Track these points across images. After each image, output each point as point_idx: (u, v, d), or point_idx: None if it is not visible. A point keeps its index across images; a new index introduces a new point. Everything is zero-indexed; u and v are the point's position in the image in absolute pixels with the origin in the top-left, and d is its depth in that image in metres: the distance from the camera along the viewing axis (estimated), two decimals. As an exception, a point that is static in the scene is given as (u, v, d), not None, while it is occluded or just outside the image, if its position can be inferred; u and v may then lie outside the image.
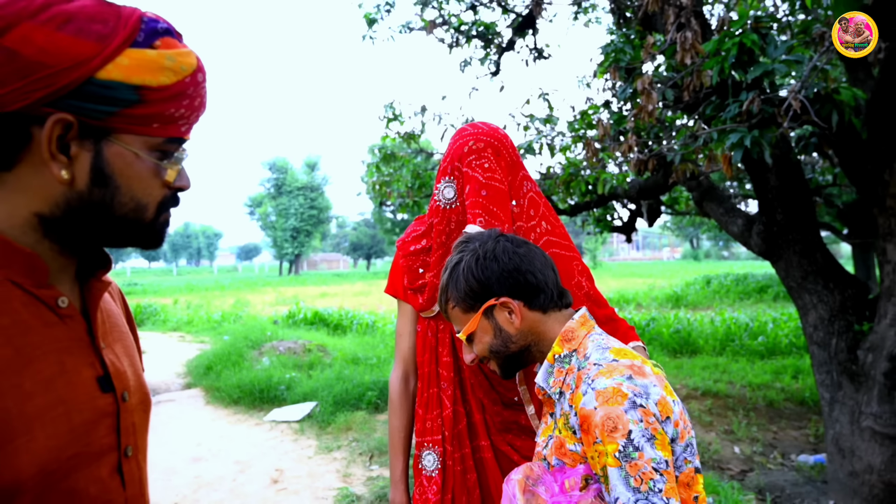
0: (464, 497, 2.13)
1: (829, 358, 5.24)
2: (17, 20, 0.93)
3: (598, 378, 1.41)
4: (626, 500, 1.29)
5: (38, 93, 0.95)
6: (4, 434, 0.93)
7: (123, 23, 1.01)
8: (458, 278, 1.67)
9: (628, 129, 5.47)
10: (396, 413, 2.29)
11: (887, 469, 4.74)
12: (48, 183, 1.01)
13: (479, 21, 9.00)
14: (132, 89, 1.01)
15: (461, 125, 8.01)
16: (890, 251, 4.81)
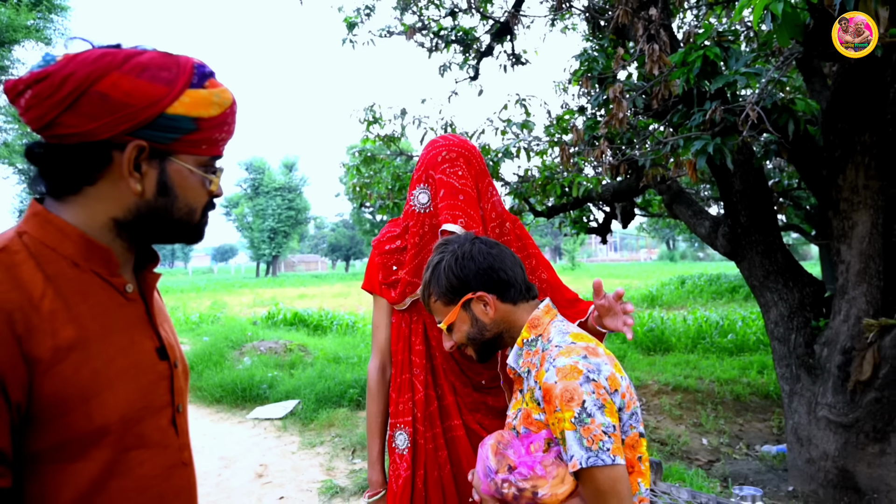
0: (435, 472, 2.36)
1: (788, 352, 5.56)
2: (107, 70, 1.22)
3: (558, 357, 1.68)
4: (580, 457, 1.57)
5: (122, 126, 1.24)
6: (96, 388, 1.22)
7: (183, 69, 1.30)
8: (439, 275, 1.93)
9: (601, 134, 5.75)
10: (374, 399, 2.52)
11: (840, 455, 5.06)
12: (123, 194, 1.30)
13: (458, 26, 9.19)
14: (191, 120, 1.30)
15: (439, 129, 8.29)
16: (843, 251, 5.12)
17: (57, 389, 1.17)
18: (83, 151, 1.25)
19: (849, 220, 5.07)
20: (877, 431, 4.95)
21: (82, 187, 1.29)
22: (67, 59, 1.23)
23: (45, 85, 1.20)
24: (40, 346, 1.16)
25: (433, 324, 2.40)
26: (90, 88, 1.20)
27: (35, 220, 1.28)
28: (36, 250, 1.24)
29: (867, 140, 4.92)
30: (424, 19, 9.17)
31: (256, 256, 64.31)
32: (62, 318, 1.20)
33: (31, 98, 1.21)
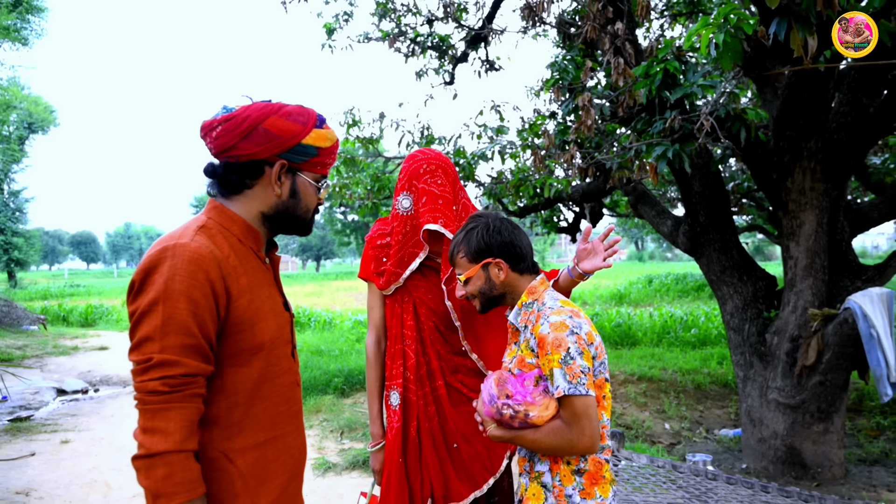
0: (426, 423, 2.93)
1: (742, 341, 6.04)
2: (269, 115, 1.88)
3: (551, 315, 2.21)
4: (564, 387, 2.10)
5: (275, 150, 1.90)
6: (257, 318, 1.87)
7: (311, 116, 1.96)
8: (471, 239, 2.42)
9: (571, 139, 6.18)
10: (372, 367, 3.09)
11: (788, 434, 5.55)
12: (268, 196, 1.95)
13: (435, 34, 9.53)
14: (315, 149, 1.97)
15: (416, 132, 8.68)
16: (792, 248, 5.61)
17: (238, 315, 1.81)
18: (247, 166, 1.91)
19: (797, 220, 5.55)
20: (821, 412, 5.43)
21: (243, 190, 1.94)
22: (244, 108, 1.88)
23: (232, 123, 1.86)
24: (233, 285, 1.81)
25: (421, 303, 2.97)
26: (259, 125, 1.86)
27: (214, 210, 1.93)
28: (218, 229, 1.88)
29: (813, 146, 5.39)
30: (402, 26, 9.48)
31: (227, 256, 63.74)
32: (240, 271, 1.85)
33: (222, 131, 1.86)
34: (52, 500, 5.85)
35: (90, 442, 7.79)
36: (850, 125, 5.33)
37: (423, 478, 2.93)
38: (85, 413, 9.44)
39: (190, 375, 1.67)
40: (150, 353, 1.64)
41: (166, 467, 1.61)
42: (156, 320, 1.65)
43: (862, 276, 5.69)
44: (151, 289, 1.68)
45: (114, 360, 13.89)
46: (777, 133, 5.56)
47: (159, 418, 1.62)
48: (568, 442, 2.15)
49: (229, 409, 1.81)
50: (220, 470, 1.78)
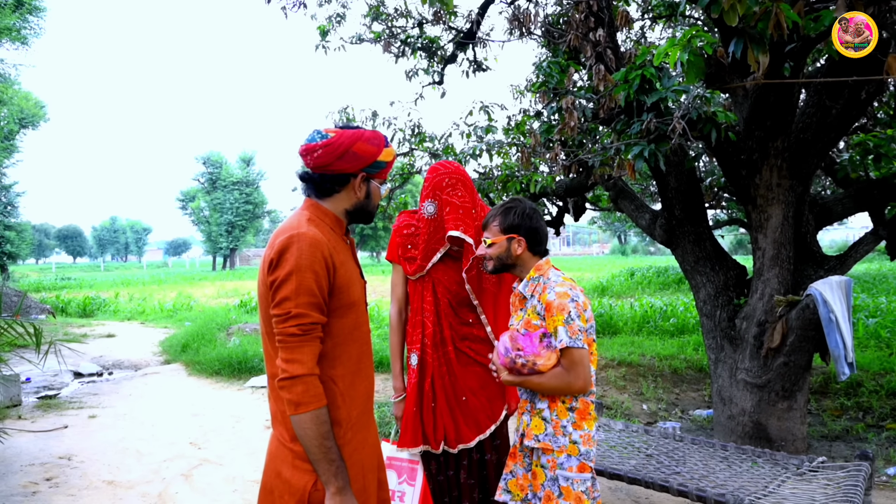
0: (440, 380, 3.65)
1: (714, 326, 6.49)
2: (356, 141, 2.44)
3: (556, 286, 2.86)
4: (566, 341, 2.76)
5: (359, 166, 2.47)
6: (350, 282, 2.43)
7: (381, 139, 2.52)
8: (508, 214, 3.04)
9: (556, 138, 6.57)
10: (395, 332, 3.85)
11: (755, 411, 6.01)
12: (351, 197, 2.52)
13: (424, 35, 9.86)
14: (385, 163, 2.54)
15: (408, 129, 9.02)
16: (760, 240, 6.06)
17: (339, 281, 2.36)
18: (338, 177, 2.47)
19: (764, 213, 6.01)
20: (785, 391, 5.90)
21: (333, 194, 2.50)
22: (338, 134, 2.41)
23: (331, 148, 2.40)
24: (336, 259, 2.35)
25: (439, 283, 3.69)
26: (350, 149, 2.42)
27: (312, 207, 2.49)
28: (318, 221, 2.43)
29: (780, 145, 5.85)
30: (393, 28, 9.79)
31: (213, 250, 64.17)
32: (337, 249, 2.41)
33: (323, 153, 2.39)
34: (92, 463, 6.48)
35: (115, 417, 8.37)
36: (815, 126, 5.76)
37: (437, 423, 3.61)
38: (105, 392, 9.98)
39: (314, 323, 2.25)
40: (288, 308, 2.22)
41: (303, 385, 2.20)
42: (291, 286, 2.22)
43: (824, 265, 6.16)
44: (287, 264, 2.24)
45: (122, 346, 14.40)
46: (746, 133, 6.00)
47: (297, 352, 2.22)
48: (567, 384, 2.82)
49: (334, 347, 2.39)
50: (328, 389, 2.34)
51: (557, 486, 2.87)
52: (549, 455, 2.92)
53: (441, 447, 3.60)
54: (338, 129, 2.47)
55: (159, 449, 6.90)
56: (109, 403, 9.12)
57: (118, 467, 6.32)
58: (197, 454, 6.75)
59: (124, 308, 22.38)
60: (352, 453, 2.41)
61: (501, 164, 8.51)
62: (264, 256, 2.35)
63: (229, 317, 15.26)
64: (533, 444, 2.97)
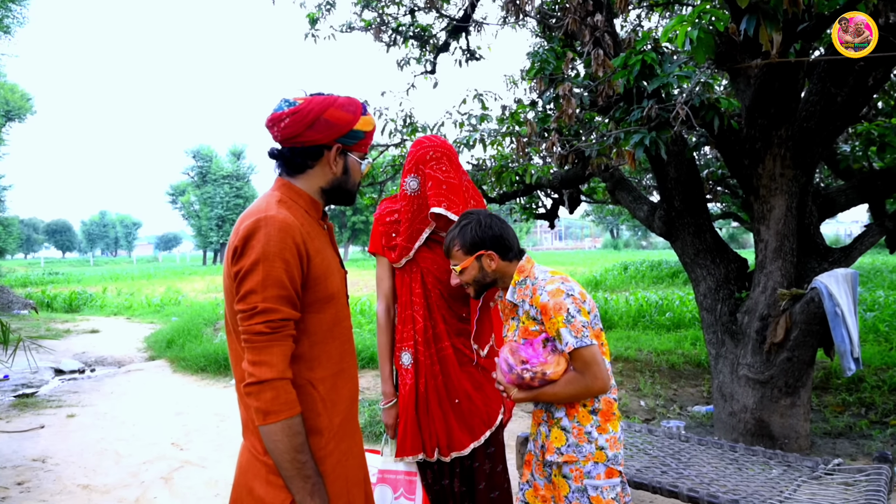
0: (433, 381, 3.31)
1: (715, 320, 6.32)
2: (328, 107, 2.19)
3: (546, 285, 2.63)
4: (572, 342, 2.53)
5: (333, 136, 2.22)
6: (327, 273, 2.21)
7: (358, 105, 2.28)
8: (465, 234, 2.80)
9: (552, 127, 6.39)
10: (383, 332, 3.47)
11: (757, 408, 5.83)
12: (326, 173, 2.28)
13: (416, 23, 9.70)
14: (362, 132, 2.30)
15: (399, 120, 8.84)
16: (763, 231, 5.88)
17: (315, 271, 2.14)
18: (310, 151, 2.23)
19: (767, 204, 5.82)
20: (788, 387, 5.72)
21: (306, 170, 2.26)
22: (307, 101, 2.18)
23: (299, 115, 2.16)
24: (310, 246, 2.13)
25: (428, 272, 3.34)
26: (321, 116, 2.18)
27: (284, 187, 2.25)
28: (290, 202, 2.20)
29: (783, 134, 5.66)
30: (384, 16, 9.61)
31: (203, 244, 63.73)
32: (311, 235, 2.18)
33: (290, 122, 2.16)
34: (67, 466, 6.23)
35: (94, 416, 8.14)
36: (819, 114, 5.58)
37: (431, 430, 3.29)
38: (86, 390, 9.75)
39: (285, 320, 2.03)
40: (254, 303, 1.99)
41: (273, 391, 1.98)
42: (258, 276, 2.00)
43: (828, 258, 5.98)
44: (252, 252, 2.02)
45: (106, 342, 14.14)
46: (749, 121, 5.81)
47: (265, 353, 1.99)
48: (584, 387, 2.58)
49: (311, 347, 2.17)
50: (306, 395, 2.14)
51: (587, 497, 2.66)
52: (573, 464, 2.70)
53: (435, 455, 3.31)
54: (308, 96, 2.25)
55: (139, 450, 6.69)
56: (90, 402, 8.90)
57: (95, 470, 6.10)
58: (178, 455, 6.54)
59: (111, 303, 22.23)
60: (335, 466, 2.21)
61: (496, 154, 8.30)
62: (229, 244, 2.13)
63: (217, 311, 15.06)
64: (556, 458, 2.74)
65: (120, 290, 27.02)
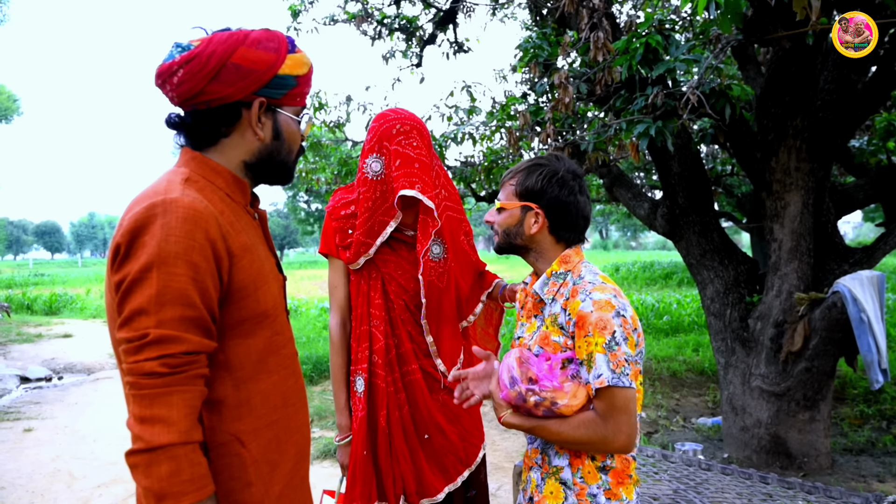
0: (396, 412, 2.68)
1: (724, 326, 5.85)
2: (237, 46, 1.59)
3: (594, 292, 1.91)
4: (607, 376, 1.81)
5: (251, 87, 1.61)
6: (259, 281, 1.63)
7: (282, 40, 1.67)
8: (530, 174, 2.09)
9: (546, 119, 5.95)
10: (337, 352, 2.82)
11: (773, 422, 5.37)
12: (249, 142, 1.69)
13: (402, 15, 9.32)
14: (293, 78, 1.68)
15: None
16: (776, 230, 5.42)
17: (241, 278, 1.57)
18: (220, 112, 1.63)
19: (781, 201, 5.36)
20: (807, 399, 5.26)
21: (219, 140, 1.67)
22: (205, 42, 1.58)
23: (195, 63, 1.56)
24: (234, 243, 1.56)
25: (391, 279, 2.72)
26: (228, 61, 1.57)
27: (194, 161, 1.65)
28: (203, 182, 1.63)
29: (799, 124, 5.20)
30: (368, 7, 9.25)
31: (191, 246, 63.35)
32: (236, 227, 1.60)
33: (185, 74, 1.56)
34: (13, 489, 5.70)
35: (53, 430, 7.62)
36: (838, 102, 5.15)
37: (395, 472, 2.68)
38: (49, 401, 9.24)
39: (192, 353, 1.43)
40: (144, 329, 1.39)
41: (172, 462, 1.37)
42: (150, 289, 1.41)
43: (849, 258, 5.50)
44: (142, 252, 1.43)
45: (78, 347, 13.65)
46: (761, 111, 5.37)
47: (159, 405, 1.38)
48: (602, 438, 1.88)
49: (236, 387, 1.59)
50: (231, 456, 1.57)
51: None
52: None
53: (400, 502, 2.70)
54: (208, 35, 1.64)
55: (95, 471, 6.14)
56: (50, 414, 8.38)
57: (42, 495, 5.55)
58: (137, 478, 6.01)
59: (91, 305, 21.72)
60: None
61: (486, 150, 7.85)
62: (111, 243, 1.53)
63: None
64: None
65: (103, 292, 26.55)
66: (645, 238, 74.37)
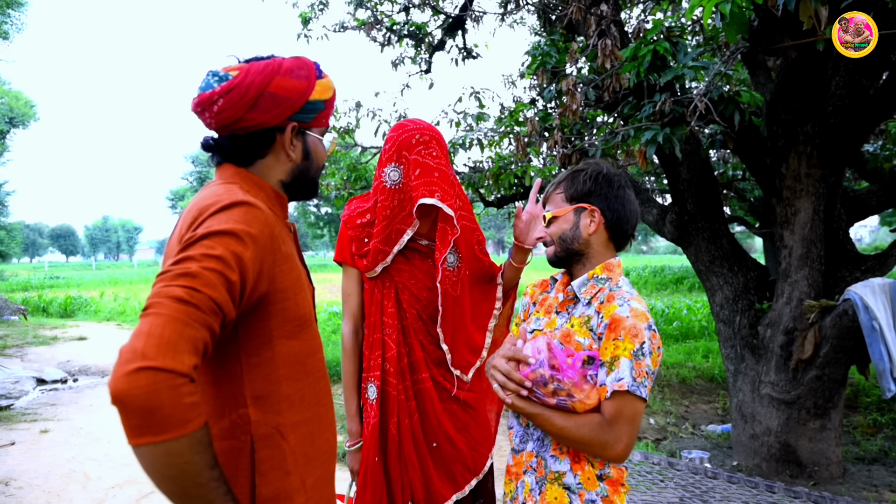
0: (406, 419, 2.70)
1: (733, 333, 5.81)
2: (273, 76, 1.67)
3: (632, 300, 1.96)
4: (627, 381, 1.85)
5: (285, 114, 1.70)
6: (298, 287, 1.69)
7: (311, 67, 1.77)
8: (576, 178, 2.11)
9: (554, 125, 5.93)
10: (349, 359, 2.83)
11: (783, 430, 5.32)
12: (282, 162, 1.77)
13: (411, 21, 9.33)
14: (322, 102, 1.78)
15: (393, 121, 8.42)
16: (787, 237, 5.38)
17: (283, 280, 1.62)
18: (257, 137, 1.71)
19: (791, 207, 5.32)
20: (818, 408, 5.21)
21: (256, 161, 1.75)
22: (243, 72, 1.66)
23: (235, 93, 1.63)
24: (284, 249, 1.63)
25: (404, 288, 2.72)
26: (265, 91, 1.65)
27: (239, 176, 1.72)
28: (253, 194, 1.66)
29: (809, 130, 5.16)
30: (378, 14, 9.27)
31: (202, 249, 63.92)
32: (282, 236, 1.65)
33: (225, 104, 1.64)
34: (31, 489, 5.75)
35: (69, 432, 7.68)
36: (849, 108, 5.10)
37: (404, 479, 2.69)
38: (64, 403, 9.29)
39: (216, 303, 1.38)
40: (187, 267, 1.38)
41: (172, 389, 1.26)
42: (211, 245, 1.43)
43: (861, 266, 5.46)
44: (220, 222, 1.47)
45: (92, 350, 13.69)
46: (771, 117, 5.33)
47: (171, 327, 1.28)
48: (602, 442, 1.89)
49: (279, 383, 1.66)
50: (273, 447, 1.64)
51: None
52: None
53: None
54: (241, 64, 1.71)
55: (110, 472, 6.18)
56: (66, 415, 8.44)
57: (59, 495, 5.59)
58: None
59: (105, 308, 21.81)
60: None
61: (493, 156, 7.83)
62: (176, 232, 1.63)
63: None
64: None
65: (116, 295, 26.61)
66: (656, 242, 74.09)
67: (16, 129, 40.48)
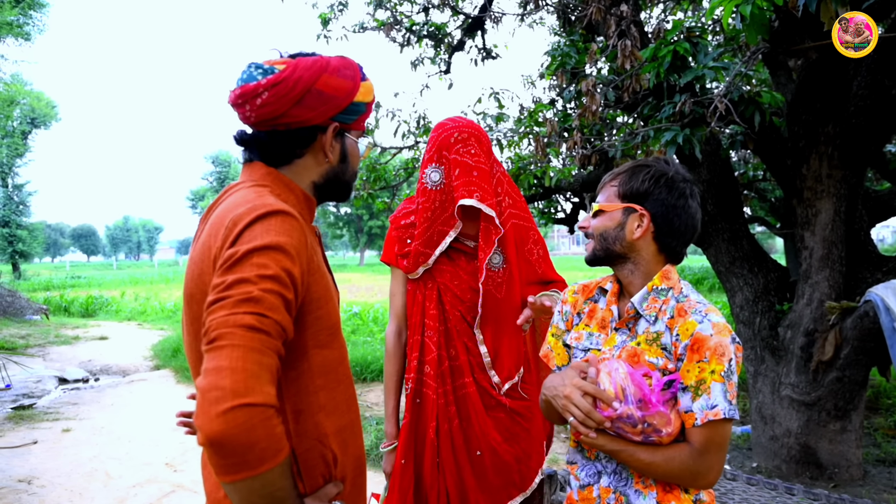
0: (446, 424, 2.61)
1: (753, 335, 5.78)
2: (321, 73, 1.64)
3: (710, 313, 1.75)
4: (723, 408, 1.66)
5: (330, 113, 1.68)
6: (328, 296, 1.66)
7: (356, 68, 1.74)
8: (634, 175, 1.89)
9: (574, 126, 5.93)
10: (391, 360, 2.78)
11: (803, 432, 5.30)
12: (320, 163, 1.74)
13: (431, 22, 9.34)
14: (364, 105, 1.75)
15: (412, 121, 8.44)
16: (807, 238, 5.35)
17: (316, 289, 1.59)
18: (298, 134, 1.68)
19: (812, 208, 5.30)
20: (838, 409, 5.18)
21: (293, 160, 1.71)
22: (291, 67, 1.62)
23: (282, 87, 1.59)
24: (315, 258, 1.61)
25: (446, 289, 2.66)
26: (313, 87, 1.62)
27: (270, 177, 1.69)
28: (283, 199, 1.64)
29: (831, 131, 5.14)
30: (397, 15, 9.28)
31: (222, 249, 64.29)
32: (313, 245, 1.63)
33: (270, 97, 1.59)
34: (53, 488, 5.81)
35: (91, 431, 7.76)
36: (870, 108, 5.07)
37: (440, 486, 2.60)
38: (86, 402, 9.39)
39: (280, 326, 1.38)
40: (247, 290, 1.35)
41: (262, 422, 1.29)
42: (264, 266, 1.39)
43: (882, 267, 5.41)
44: (260, 236, 1.43)
45: (113, 350, 13.82)
46: (792, 117, 5.31)
47: (248, 359, 1.28)
48: (693, 474, 1.75)
49: (315, 394, 1.64)
50: (317, 458, 1.63)
51: None
52: None
53: None
54: (286, 58, 1.67)
55: (131, 471, 6.26)
56: (88, 415, 8.52)
57: (81, 494, 5.66)
58: (171, 478, 6.06)
59: (126, 307, 22.03)
60: None
61: (513, 156, 7.84)
62: (205, 240, 1.55)
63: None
64: None
65: (137, 295, 26.82)
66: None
67: (37, 129, 41.00)
